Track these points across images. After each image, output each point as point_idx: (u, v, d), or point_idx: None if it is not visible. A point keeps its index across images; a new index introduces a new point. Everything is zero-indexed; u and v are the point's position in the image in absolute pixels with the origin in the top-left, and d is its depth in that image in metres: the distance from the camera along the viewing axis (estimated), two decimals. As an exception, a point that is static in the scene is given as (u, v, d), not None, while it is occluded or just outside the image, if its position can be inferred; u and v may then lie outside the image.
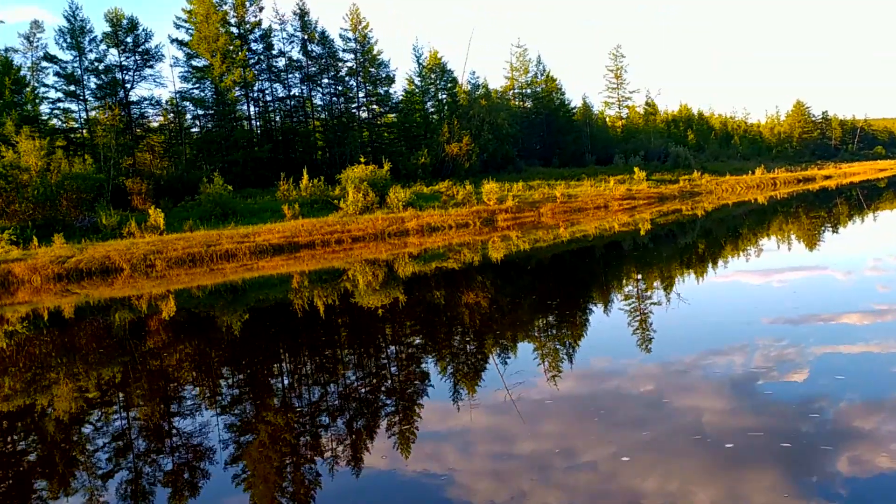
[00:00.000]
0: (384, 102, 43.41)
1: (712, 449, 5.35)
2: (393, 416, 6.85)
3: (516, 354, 9.05)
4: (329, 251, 25.02)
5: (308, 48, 40.60)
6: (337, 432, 6.48)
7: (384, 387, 7.97)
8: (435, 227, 29.92)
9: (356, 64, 42.22)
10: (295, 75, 40.75)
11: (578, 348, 9.15)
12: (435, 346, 9.90)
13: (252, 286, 18.06)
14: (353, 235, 27.19)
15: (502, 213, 34.09)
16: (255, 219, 29.06)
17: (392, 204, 32.12)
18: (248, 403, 7.75)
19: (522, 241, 24.14)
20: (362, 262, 20.96)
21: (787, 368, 7.09)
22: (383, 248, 25.07)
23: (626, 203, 39.81)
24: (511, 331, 10.75)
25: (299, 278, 18.76)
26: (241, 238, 24.82)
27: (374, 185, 33.46)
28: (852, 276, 12.84)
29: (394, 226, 28.99)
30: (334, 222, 28.35)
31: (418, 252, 22.65)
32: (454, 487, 5.14)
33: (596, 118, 65.63)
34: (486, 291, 14.72)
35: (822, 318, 9.24)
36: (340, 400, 7.61)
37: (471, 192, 35.65)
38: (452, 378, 7.99)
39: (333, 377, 8.64)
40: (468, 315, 12.06)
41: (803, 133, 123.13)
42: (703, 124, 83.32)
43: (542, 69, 56.37)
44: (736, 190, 49.59)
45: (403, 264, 19.60)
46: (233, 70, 34.45)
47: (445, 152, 40.24)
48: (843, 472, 4.80)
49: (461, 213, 32.20)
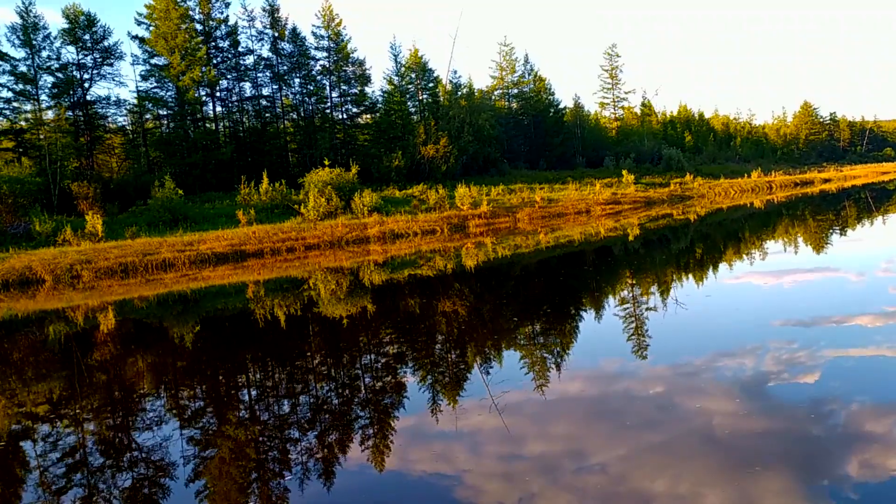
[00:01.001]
0: (359, 102, 42.19)
1: (723, 452, 5.34)
2: (368, 428, 6.67)
3: (502, 364, 8.76)
4: (280, 260, 23.86)
5: (279, 46, 39.45)
6: (308, 445, 6.29)
7: (358, 398, 7.70)
8: (399, 234, 28.64)
9: (329, 62, 41.01)
10: (266, 74, 39.60)
11: (572, 355, 8.93)
12: (412, 355, 9.51)
13: (200, 297, 17.15)
14: (307, 243, 25.94)
15: (475, 218, 32.82)
16: (208, 225, 27.89)
17: (357, 209, 30.87)
18: (209, 417, 7.43)
19: (502, 248, 23.14)
20: (323, 271, 20.07)
21: (798, 371, 7.11)
22: (343, 256, 23.93)
23: (609, 208, 38.48)
24: (497, 341, 10.23)
25: (254, 288, 17.87)
26: (184, 246, 23.60)
27: (341, 189, 32.29)
28: (864, 278, 12.76)
29: (354, 233, 27.75)
30: (290, 229, 27.12)
31: (383, 260, 21.77)
32: (434, 501, 5.02)
33: (588, 119, 64.24)
34: (462, 303, 13.69)
35: (832, 321, 9.23)
36: (312, 412, 7.31)
37: (444, 197, 34.42)
38: (432, 388, 7.76)
39: (304, 389, 8.29)
40: (442, 327, 11.37)
41: (810, 134, 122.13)
42: (703, 125, 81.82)
43: (530, 68, 55.20)
44: (730, 194, 48.27)
45: (368, 273, 18.80)
46: (193, 68, 33.25)
47: (421, 154, 38.96)
48: (854, 476, 4.78)
49: (429, 219, 30.95)
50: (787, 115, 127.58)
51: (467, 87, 49.63)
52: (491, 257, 20.65)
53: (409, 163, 38.91)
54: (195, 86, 33.80)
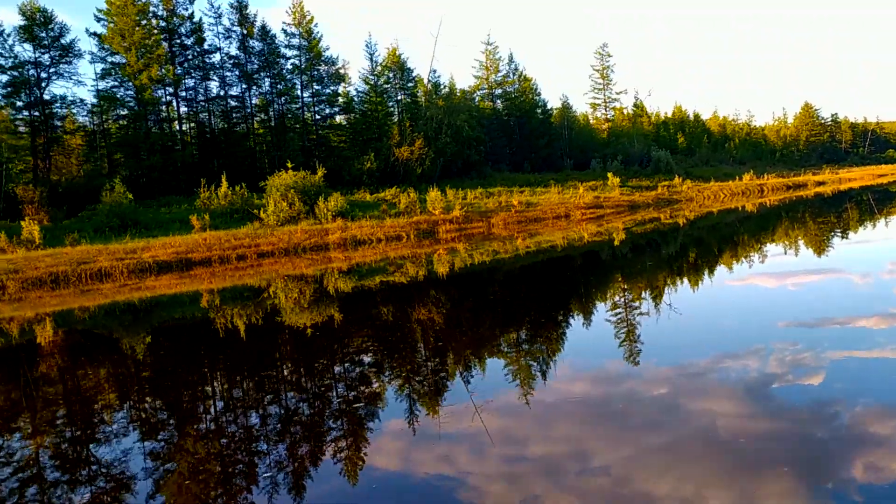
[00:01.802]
0: (333, 103, 41.10)
1: (727, 454, 5.40)
2: (341, 440, 6.48)
3: (485, 371, 8.58)
4: (230, 269, 22.81)
5: (248, 44, 38.39)
6: (277, 458, 6.12)
7: (330, 409, 7.46)
8: (362, 241, 27.54)
9: (300, 61, 39.94)
10: (234, 73, 38.52)
11: (570, 359, 8.84)
12: (390, 364, 9.23)
13: (151, 307, 16.35)
14: (260, 251, 24.85)
15: (445, 223, 31.73)
16: (159, 231, 26.83)
17: (320, 214, 29.77)
18: (171, 430, 7.19)
19: (479, 254, 22.30)
20: (283, 279, 19.25)
21: (802, 372, 7.17)
22: (302, 264, 23.01)
23: (590, 212, 37.38)
24: (482, 350, 9.91)
25: (210, 297, 17.02)
26: (126, 254, 22.52)
27: (306, 192, 31.22)
28: (869, 279, 12.75)
29: (312, 239, 26.65)
30: (244, 235, 26.04)
31: (348, 268, 20.88)
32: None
33: (577, 120, 63.15)
34: (441, 312, 13.05)
35: (837, 322, 9.28)
36: (282, 424, 7.05)
37: (415, 201, 33.37)
38: (411, 398, 7.58)
39: (274, 400, 7.98)
40: (420, 336, 10.95)
41: (811, 136, 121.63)
42: (698, 127, 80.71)
43: (515, 68, 54.10)
44: (719, 197, 47.24)
45: (333, 280, 18.05)
46: (151, 66, 32.17)
47: (395, 157, 37.86)
48: (858, 478, 4.80)
49: (396, 225, 29.86)
50: (787, 116, 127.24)
51: (448, 87, 48.57)
52: (468, 263, 19.93)
53: (383, 165, 37.81)
54: (153, 84, 32.73)
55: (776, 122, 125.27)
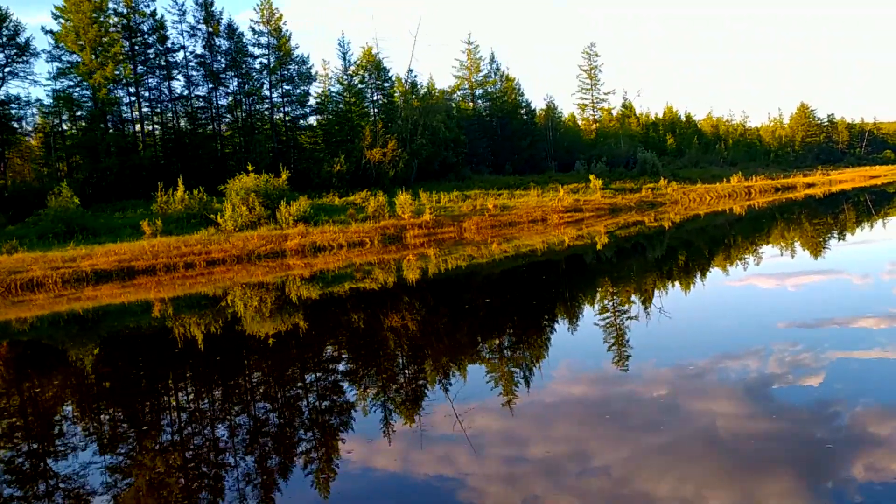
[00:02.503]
0: (303, 103, 40.05)
1: (727, 454, 5.46)
2: (313, 451, 6.35)
3: (466, 378, 8.40)
4: (177, 277, 21.87)
5: (214, 42, 37.34)
6: (246, 471, 5.97)
7: (301, 420, 7.27)
8: (322, 247, 26.51)
9: (269, 60, 38.89)
10: (200, 72, 37.43)
11: (568, 363, 8.76)
12: (362, 374, 8.98)
13: (99, 317, 15.71)
14: (210, 258, 23.81)
15: (414, 228, 30.74)
16: (108, 237, 25.81)
17: (281, 219, 28.74)
18: (129, 443, 6.94)
19: (454, 259, 21.60)
20: (241, 287, 18.59)
21: (802, 373, 7.22)
22: (258, 271, 22.25)
23: (568, 216, 36.39)
24: (465, 359, 9.56)
25: (162, 306, 16.37)
26: (63, 262, 21.49)
27: (268, 196, 30.20)
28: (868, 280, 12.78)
29: (269, 246, 25.60)
30: (196, 242, 25.01)
31: (310, 275, 20.17)
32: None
33: (563, 121, 62.19)
34: (417, 319, 12.79)
35: (837, 323, 9.35)
36: (251, 436, 6.82)
37: (383, 205, 32.38)
38: (387, 407, 7.41)
39: (242, 411, 7.72)
40: (395, 344, 10.64)
41: (807, 137, 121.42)
42: (690, 127, 79.75)
43: (496, 67, 53.15)
44: (705, 199, 46.37)
45: (295, 288, 17.47)
46: (106, 65, 31.10)
47: (367, 159, 36.84)
48: (858, 478, 4.84)
49: (361, 230, 28.86)
50: (783, 116, 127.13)
51: (426, 87, 47.57)
52: (442, 269, 19.40)
53: (354, 168, 36.78)
54: (110, 84, 31.67)
55: (772, 122, 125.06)
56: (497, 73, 52.86)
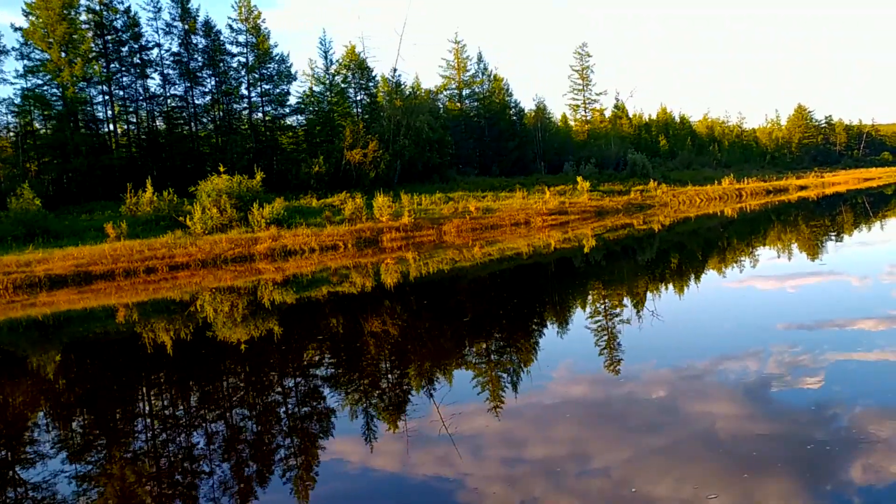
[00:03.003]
0: (282, 103, 39.34)
1: (726, 455, 5.46)
2: (291, 458, 6.18)
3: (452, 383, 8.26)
4: (138, 282, 21.28)
5: (190, 40, 36.61)
6: (222, 480, 5.79)
7: (280, 427, 7.08)
8: (293, 251, 25.81)
9: (247, 59, 38.18)
10: (175, 71, 36.68)
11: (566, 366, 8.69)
12: (344, 380, 8.78)
13: (60, 323, 15.26)
14: (174, 263, 23.04)
15: (391, 231, 30.07)
16: (70, 240, 25.11)
17: (253, 222, 28.03)
18: (100, 452, 6.73)
19: (436, 262, 21.13)
20: (211, 292, 18.05)
21: (801, 374, 7.23)
22: (226, 276, 21.77)
23: (552, 219, 35.72)
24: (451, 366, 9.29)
25: (126, 312, 15.86)
26: (17, 267, 20.82)
27: (241, 198, 29.49)
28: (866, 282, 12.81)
29: (237, 249, 24.87)
30: (161, 245, 24.31)
31: (283, 279, 19.59)
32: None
33: (553, 122, 61.51)
34: (401, 325, 12.40)
35: (836, 325, 9.39)
36: (228, 445, 6.63)
37: (361, 207, 31.70)
38: (370, 413, 7.25)
39: (219, 417, 7.51)
40: (378, 350, 10.35)
41: (804, 138, 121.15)
42: (684, 129, 79.09)
43: (484, 67, 52.52)
44: (695, 202, 45.78)
45: (268, 292, 16.91)
46: (75, 63, 30.38)
47: (346, 160, 36.13)
48: (857, 480, 4.85)
49: (335, 234, 28.16)
50: (780, 118, 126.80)
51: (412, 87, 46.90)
52: (423, 273, 18.98)
53: (334, 169, 36.07)
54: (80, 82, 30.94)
55: (769, 124, 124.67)
56: (484, 72, 52.28)
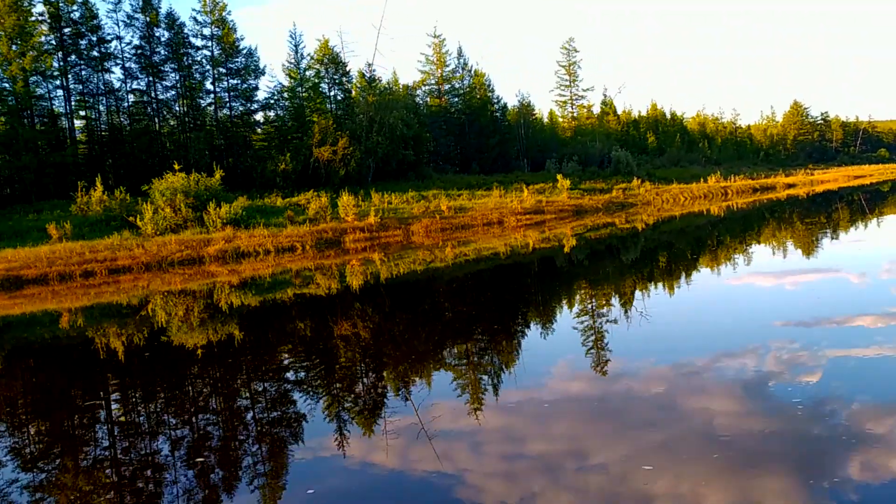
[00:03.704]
0: (250, 98, 38.19)
1: (724, 452, 5.46)
2: (258, 465, 5.98)
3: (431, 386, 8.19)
4: (76, 286, 20.32)
5: (153, 33, 35.47)
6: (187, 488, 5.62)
7: (248, 432, 6.85)
8: (246, 253, 24.77)
9: (212, 52, 37.03)
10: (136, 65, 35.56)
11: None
12: (316, 385, 8.53)
13: None
14: (116, 266, 21.98)
15: (355, 232, 29.03)
16: (10, 242, 23.93)
17: (209, 222, 26.95)
18: (54, 462, 6.44)
19: (409, 263, 20.60)
20: (163, 295, 17.44)
21: (799, 371, 7.27)
22: (175, 280, 20.96)
23: (527, 218, 34.70)
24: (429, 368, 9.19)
25: (71, 317, 15.14)
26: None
27: (198, 197, 28.41)
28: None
29: (185, 251, 23.81)
30: (105, 247, 23.32)
31: (240, 282, 18.94)
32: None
33: (538, 119, 60.45)
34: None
35: (834, 321, 9.43)
36: (193, 452, 6.32)
37: (326, 206, 30.66)
38: (343, 417, 7.09)
39: (183, 424, 7.31)
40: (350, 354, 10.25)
41: (799, 135, 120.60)
42: (675, 125, 78.02)
43: (464, 62, 51.43)
44: (679, 200, 44.83)
45: (224, 296, 16.28)
46: (25, 56, 29.28)
47: (314, 157, 35.04)
48: (855, 477, 4.88)
49: (294, 234, 27.14)
50: (776, 114, 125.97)
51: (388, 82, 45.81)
52: (394, 274, 18.45)
53: (301, 167, 34.98)
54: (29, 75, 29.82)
55: (764, 120, 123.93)
56: (464, 68, 51.22)
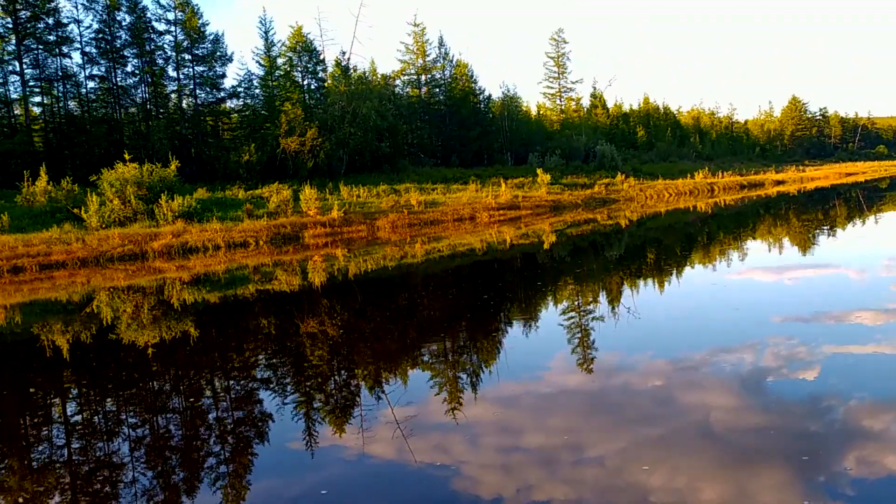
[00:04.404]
0: (216, 86, 36.97)
1: (720, 447, 5.51)
2: (221, 466, 5.90)
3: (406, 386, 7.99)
4: (5, 283, 19.19)
5: (115, 17, 34.24)
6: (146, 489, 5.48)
7: (210, 435, 6.63)
8: (194, 249, 23.68)
9: (175, 37, 35.77)
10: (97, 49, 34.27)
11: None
12: (286, 383, 8.31)
13: None
14: (50, 261, 20.91)
15: (316, 226, 27.90)
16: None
17: (160, 215, 25.82)
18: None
19: (382, 259, 19.85)
20: (107, 291, 16.64)
21: (797, 367, 7.34)
22: (118, 276, 20.11)
23: (501, 214, 33.62)
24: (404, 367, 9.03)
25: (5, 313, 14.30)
26: None
27: (152, 188, 27.27)
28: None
29: (128, 247, 22.72)
30: (42, 241, 22.20)
31: (190, 278, 18.11)
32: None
33: (523, 112, 59.25)
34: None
35: (832, 317, 9.49)
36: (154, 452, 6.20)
37: (287, 199, 29.57)
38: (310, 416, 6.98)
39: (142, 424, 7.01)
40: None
41: (797, 130, 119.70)
42: (668, 119, 76.78)
43: (445, 52, 50.11)
44: (663, 196, 43.81)
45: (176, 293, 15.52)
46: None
47: (281, 148, 33.89)
48: (851, 472, 4.91)
49: (249, 229, 26.03)
50: (773, 109, 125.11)
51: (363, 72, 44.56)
52: (363, 270, 17.81)
53: (267, 158, 33.82)
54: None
55: (761, 115, 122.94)
56: (445, 57, 49.87)
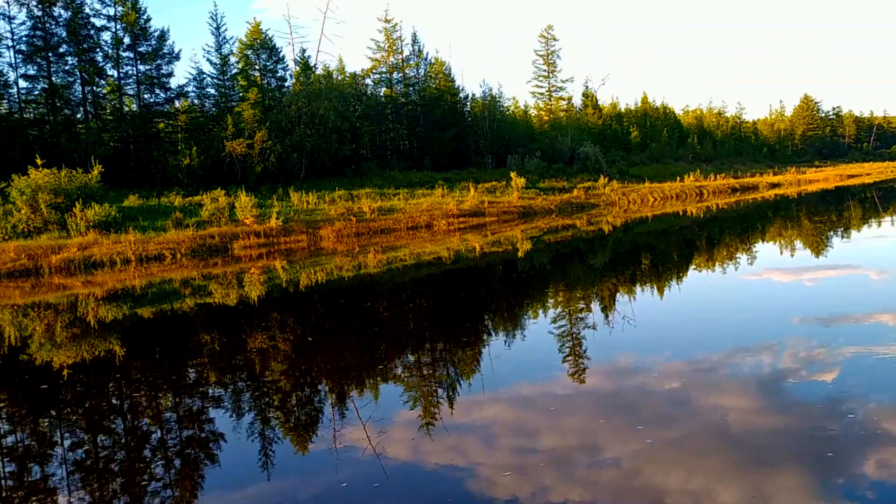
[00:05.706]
0: (162, 86, 34.99)
1: (737, 448, 5.51)
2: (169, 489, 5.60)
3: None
4: None
5: (49, 12, 32.37)
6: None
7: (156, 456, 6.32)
8: (99, 263, 21.70)
9: (115, 33, 33.85)
10: (28, 48, 32.40)
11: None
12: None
13: None
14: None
15: (249, 237, 25.84)
16: None
17: (72, 225, 23.85)
18: None
19: (337, 270, 18.60)
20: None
21: (816, 368, 7.37)
22: (13, 294, 17.74)
23: (460, 221, 31.33)
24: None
25: None
26: None
27: (69, 196, 25.32)
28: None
29: (21, 261, 20.73)
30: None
31: (106, 294, 16.35)
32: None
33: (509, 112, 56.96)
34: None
35: (852, 319, 9.48)
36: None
37: (223, 207, 27.51)
38: (265, 439, 6.59)
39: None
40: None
41: (808, 130, 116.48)
42: (668, 119, 74.11)
43: (419, 49, 47.99)
44: (648, 201, 41.32)
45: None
46: None
47: (226, 152, 31.85)
48: (870, 475, 4.88)
49: (170, 240, 23.99)
50: (785, 109, 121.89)
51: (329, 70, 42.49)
52: (308, 282, 16.50)
53: (211, 162, 31.80)
54: None
55: (772, 115, 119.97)
56: (419, 55, 47.75)
